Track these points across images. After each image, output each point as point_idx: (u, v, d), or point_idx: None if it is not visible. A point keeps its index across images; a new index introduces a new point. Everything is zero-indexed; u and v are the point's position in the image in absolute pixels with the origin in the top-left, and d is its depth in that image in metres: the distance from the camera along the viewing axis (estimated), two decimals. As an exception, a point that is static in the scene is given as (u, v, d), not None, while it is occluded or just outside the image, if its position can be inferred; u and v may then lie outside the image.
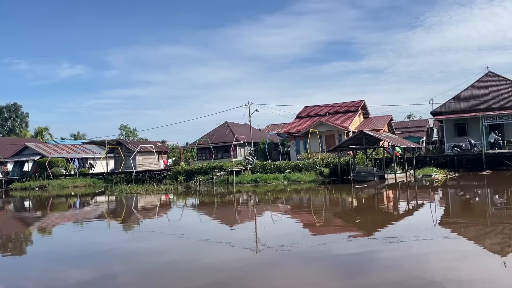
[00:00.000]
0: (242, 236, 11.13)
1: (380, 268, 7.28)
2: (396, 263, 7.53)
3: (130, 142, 44.00)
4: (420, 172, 26.86)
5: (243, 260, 8.28)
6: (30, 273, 8.26)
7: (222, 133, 47.16)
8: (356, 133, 24.34)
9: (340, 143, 26.34)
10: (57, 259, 9.38)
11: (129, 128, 70.07)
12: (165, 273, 7.56)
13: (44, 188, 36.98)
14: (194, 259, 8.57)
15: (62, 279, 7.63)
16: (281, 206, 17.99)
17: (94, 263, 8.70)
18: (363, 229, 11.48)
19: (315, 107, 47.65)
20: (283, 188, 25.23)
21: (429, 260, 7.62)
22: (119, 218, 16.40)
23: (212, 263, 8.11)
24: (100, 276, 7.72)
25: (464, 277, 6.54)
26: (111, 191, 29.09)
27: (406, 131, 58.70)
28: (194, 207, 19.13)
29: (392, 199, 18.54)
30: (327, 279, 6.91)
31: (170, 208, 19.68)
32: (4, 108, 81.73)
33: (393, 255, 8.09)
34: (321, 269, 7.50)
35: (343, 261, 7.98)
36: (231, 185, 28.49)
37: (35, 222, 16.96)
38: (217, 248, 9.53)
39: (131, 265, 8.32)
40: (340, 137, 40.75)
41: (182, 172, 33.28)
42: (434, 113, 35.21)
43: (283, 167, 29.82)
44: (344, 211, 15.72)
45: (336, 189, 22.94)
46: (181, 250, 9.67)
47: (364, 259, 8.01)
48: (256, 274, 7.34)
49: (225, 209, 17.80)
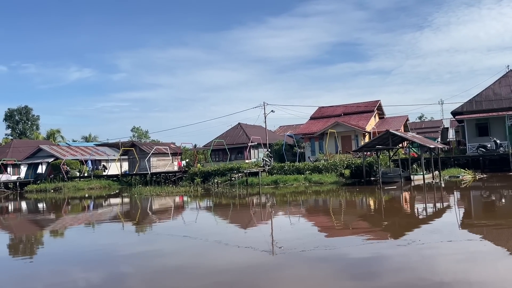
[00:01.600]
0: (266, 238, 10.67)
1: (394, 272, 6.95)
2: (426, 270, 7.01)
3: (144, 144, 43.74)
4: (446, 173, 26.19)
5: (258, 263, 8.11)
6: (40, 275, 8.19)
7: (235, 135, 46.72)
8: (382, 133, 23.73)
9: (365, 143, 25.74)
10: (75, 262, 9.14)
11: (141, 130, 69.89)
12: (184, 276, 7.45)
13: (59, 190, 36.76)
14: (211, 261, 8.41)
15: (71, 282, 7.49)
16: (308, 208, 17.49)
17: (137, 268, 8.28)
18: (392, 232, 11.00)
19: (330, 108, 47.11)
20: (304, 189, 24.70)
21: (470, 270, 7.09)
22: (145, 220, 15.99)
23: (229, 265, 7.97)
24: (123, 279, 7.44)
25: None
26: (130, 193, 28.70)
27: (420, 132, 57.88)
28: (219, 209, 18.67)
29: (424, 201, 17.96)
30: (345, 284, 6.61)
31: (195, 211, 19.24)
32: (15, 111, 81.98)
33: (423, 261, 7.57)
34: (340, 274, 7.15)
35: (364, 264, 7.61)
36: (251, 186, 28.01)
37: (55, 224, 16.61)
38: (235, 251, 9.37)
39: (156, 267, 8.03)
40: (356, 138, 40.16)
41: (199, 173, 32.84)
42: (455, 113, 34.51)
43: (302, 168, 29.28)
44: (373, 213, 15.18)
45: (362, 190, 22.36)
46: (201, 252, 9.43)
47: (381, 262, 7.65)
48: (265, 277, 7.11)
49: (249, 211, 17.31)
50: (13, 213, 22.71)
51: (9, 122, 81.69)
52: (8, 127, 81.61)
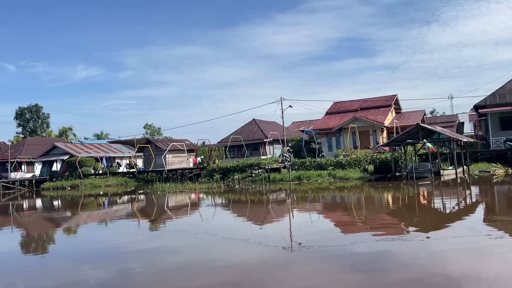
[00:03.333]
0: (293, 233, 10.24)
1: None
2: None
3: (160, 141, 43.45)
4: (474, 167, 25.60)
5: (274, 258, 8.01)
6: (52, 272, 8.11)
7: (250, 131, 46.29)
8: (413, 126, 23.17)
9: (395, 137, 25.17)
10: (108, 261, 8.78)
11: (154, 127, 69.60)
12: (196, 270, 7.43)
13: (76, 187, 36.54)
14: (234, 257, 8.28)
15: (82, 280, 7.27)
16: (339, 205, 17.03)
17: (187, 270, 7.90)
18: (423, 227, 10.50)
19: (346, 103, 46.56)
20: (329, 185, 24.23)
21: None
22: (183, 218, 15.65)
23: (249, 262, 7.87)
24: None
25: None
26: (151, 189, 28.36)
27: (429, 127, 57.29)
28: (247, 206, 18.27)
29: (465, 196, 17.45)
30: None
31: (226, 207, 18.86)
32: (26, 109, 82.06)
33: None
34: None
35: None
36: (273, 183, 27.58)
37: (80, 221, 16.29)
38: (257, 247, 9.12)
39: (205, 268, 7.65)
40: (374, 133, 39.58)
41: (218, 170, 32.45)
42: (477, 107, 33.82)
43: (324, 164, 28.81)
44: (420, 210, 14.69)
45: (393, 186, 21.77)
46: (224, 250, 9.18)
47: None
48: (281, 273, 6.96)
49: (278, 208, 16.88)
50: (36, 211, 22.46)
51: (20, 120, 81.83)
52: (19, 125, 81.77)
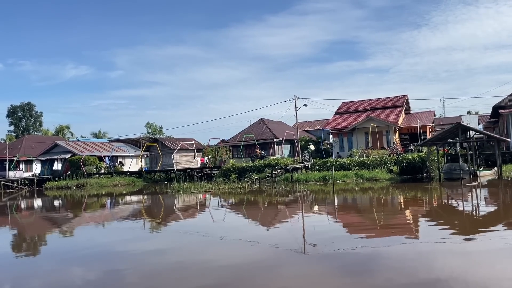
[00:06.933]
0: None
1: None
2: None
3: (168, 140, 42.07)
4: (506, 168, 24.89)
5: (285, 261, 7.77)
6: (46, 273, 7.99)
7: (258, 130, 45.22)
8: (452, 125, 22.34)
9: (431, 137, 24.39)
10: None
11: (155, 126, 68.06)
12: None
13: (82, 187, 35.00)
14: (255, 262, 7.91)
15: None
16: (385, 208, 16.14)
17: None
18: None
19: (355, 103, 45.92)
20: (359, 186, 23.32)
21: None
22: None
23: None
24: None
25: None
26: (171, 189, 27.03)
27: (439, 128, 56.97)
28: (300, 207, 17.24)
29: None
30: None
31: (280, 211, 17.79)
32: (18, 107, 79.69)
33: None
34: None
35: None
36: (295, 183, 26.55)
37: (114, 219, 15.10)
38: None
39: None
40: (387, 133, 38.96)
41: (233, 169, 31.27)
42: (497, 107, 33.35)
43: (347, 164, 27.90)
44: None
45: (433, 187, 20.88)
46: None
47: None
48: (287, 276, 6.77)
49: (322, 210, 15.90)
50: (75, 213, 21.09)
51: (12, 119, 79.42)
52: (11, 124, 79.37)
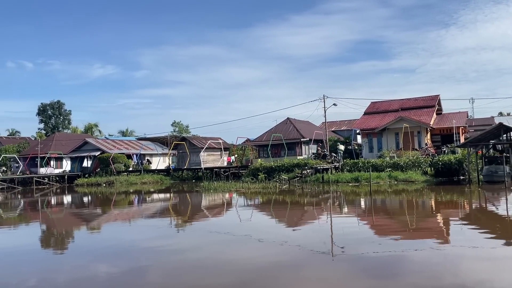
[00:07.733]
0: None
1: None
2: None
3: (195, 138, 42.22)
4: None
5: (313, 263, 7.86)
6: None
7: (285, 130, 44.82)
8: (494, 125, 21.52)
9: (471, 137, 23.54)
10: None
11: (182, 125, 68.63)
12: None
13: (111, 184, 35.45)
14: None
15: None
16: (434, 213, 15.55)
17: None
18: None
19: (384, 103, 45.01)
20: (390, 188, 22.69)
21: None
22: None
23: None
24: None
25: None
26: (202, 188, 27.00)
27: (470, 129, 55.35)
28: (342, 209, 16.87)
29: None
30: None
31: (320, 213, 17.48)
32: (48, 106, 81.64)
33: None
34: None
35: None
36: (327, 184, 26.07)
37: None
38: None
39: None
40: (419, 134, 37.96)
41: (262, 169, 31.02)
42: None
43: (380, 165, 27.25)
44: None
45: (474, 191, 20.05)
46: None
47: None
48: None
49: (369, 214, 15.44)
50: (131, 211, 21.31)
51: (42, 117, 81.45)
52: (41, 122, 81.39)
